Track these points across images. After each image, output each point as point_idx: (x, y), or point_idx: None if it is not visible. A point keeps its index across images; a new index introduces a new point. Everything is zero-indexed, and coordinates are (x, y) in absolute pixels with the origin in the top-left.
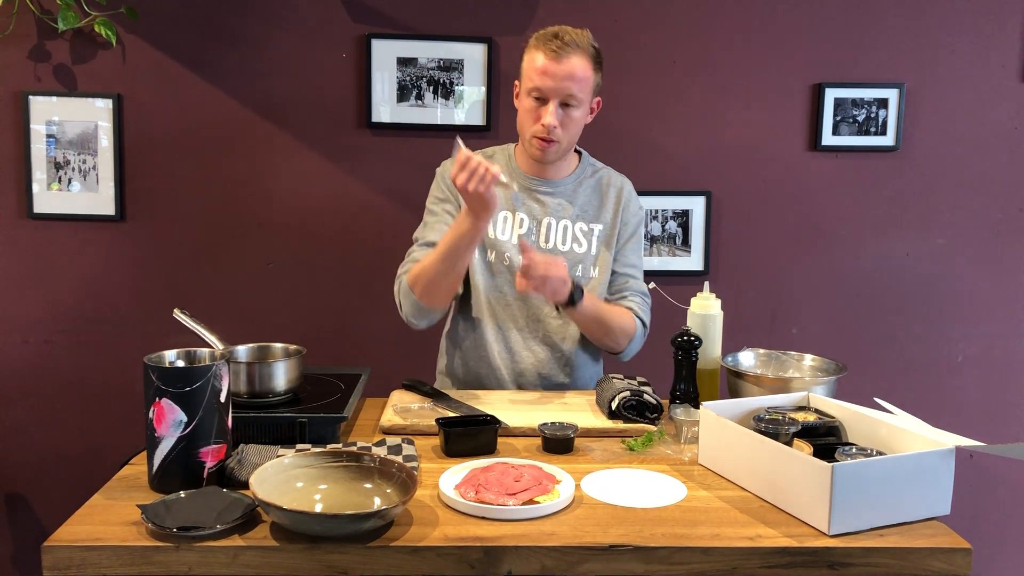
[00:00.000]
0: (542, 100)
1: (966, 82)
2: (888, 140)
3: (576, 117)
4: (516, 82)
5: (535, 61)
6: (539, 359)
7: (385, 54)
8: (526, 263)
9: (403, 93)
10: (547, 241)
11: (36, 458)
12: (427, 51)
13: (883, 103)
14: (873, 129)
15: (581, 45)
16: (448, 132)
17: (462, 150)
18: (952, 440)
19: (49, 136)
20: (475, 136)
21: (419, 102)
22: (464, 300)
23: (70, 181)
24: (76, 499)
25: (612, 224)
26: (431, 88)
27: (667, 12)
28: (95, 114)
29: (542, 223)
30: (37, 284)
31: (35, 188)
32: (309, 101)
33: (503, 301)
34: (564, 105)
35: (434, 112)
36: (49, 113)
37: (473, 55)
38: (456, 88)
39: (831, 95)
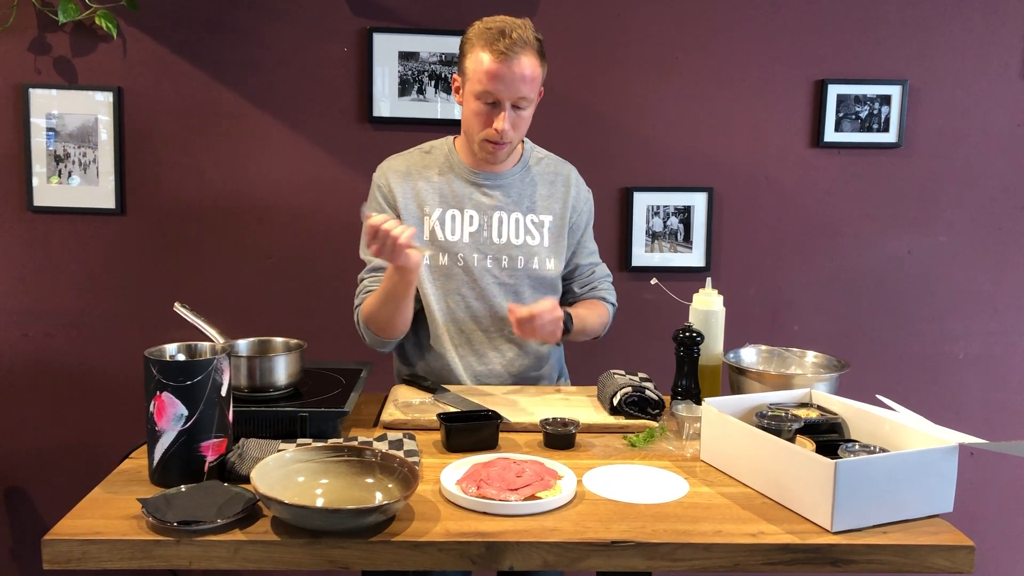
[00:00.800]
0: (493, 104)
1: (969, 79)
2: (891, 137)
3: (526, 116)
4: (455, 75)
5: (481, 62)
6: (507, 358)
7: (386, 48)
8: (522, 318)
9: (404, 87)
10: (500, 236)
11: (35, 451)
12: (428, 45)
13: (886, 100)
14: (876, 126)
15: (528, 42)
16: (450, 126)
17: (370, 218)
18: (955, 437)
19: (49, 129)
20: None
21: (420, 96)
22: (419, 311)
23: (70, 174)
24: (75, 493)
25: (561, 214)
26: (432, 82)
27: (669, 8)
28: (95, 107)
29: (492, 217)
30: (37, 277)
31: (35, 181)
32: (310, 95)
33: (463, 304)
34: (515, 107)
35: (436, 106)
36: (49, 106)
37: None
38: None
39: (834, 91)
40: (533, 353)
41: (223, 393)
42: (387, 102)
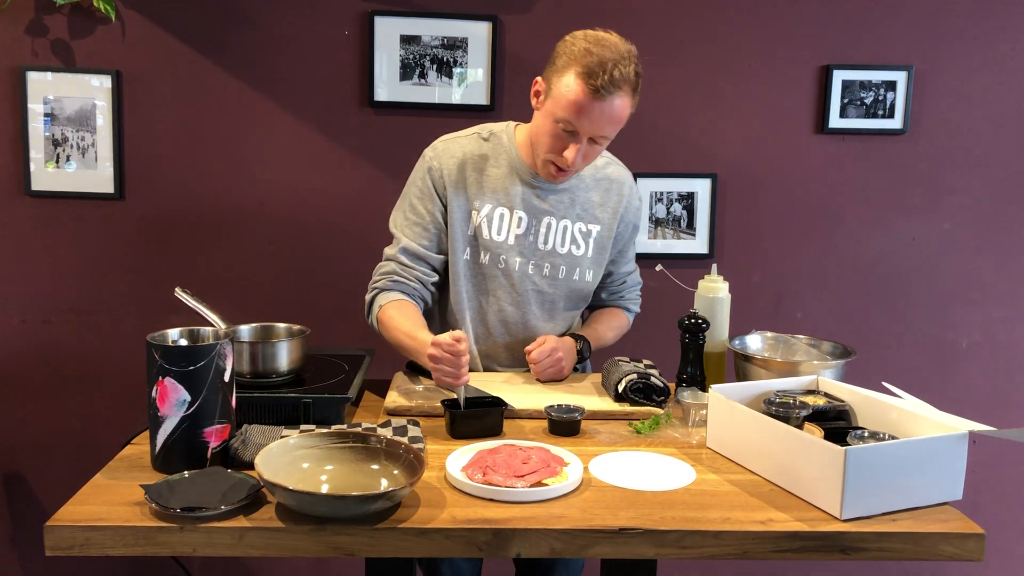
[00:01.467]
0: (571, 133)
1: (975, 65)
2: (896, 123)
3: (600, 150)
4: (539, 80)
5: (571, 89)
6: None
7: (388, 31)
8: (536, 358)
9: (406, 71)
10: (546, 243)
11: (34, 438)
12: (431, 29)
13: (891, 86)
14: (881, 112)
15: (627, 80)
16: (452, 111)
17: (462, 343)
18: (964, 425)
19: (47, 113)
20: (478, 116)
21: (422, 81)
22: (445, 301)
23: (68, 158)
24: (75, 479)
25: (610, 225)
26: (434, 66)
27: None
28: (93, 91)
29: (541, 222)
30: (35, 262)
31: (32, 165)
32: (311, 78)
33: (496, 306)
34: (592, 141)
35: (437, 91)
36: (47, 89)
37: (477, 33)
38: (460, 67)
39: (839, 77)
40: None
41: (226, 379)
42: (388, 86)
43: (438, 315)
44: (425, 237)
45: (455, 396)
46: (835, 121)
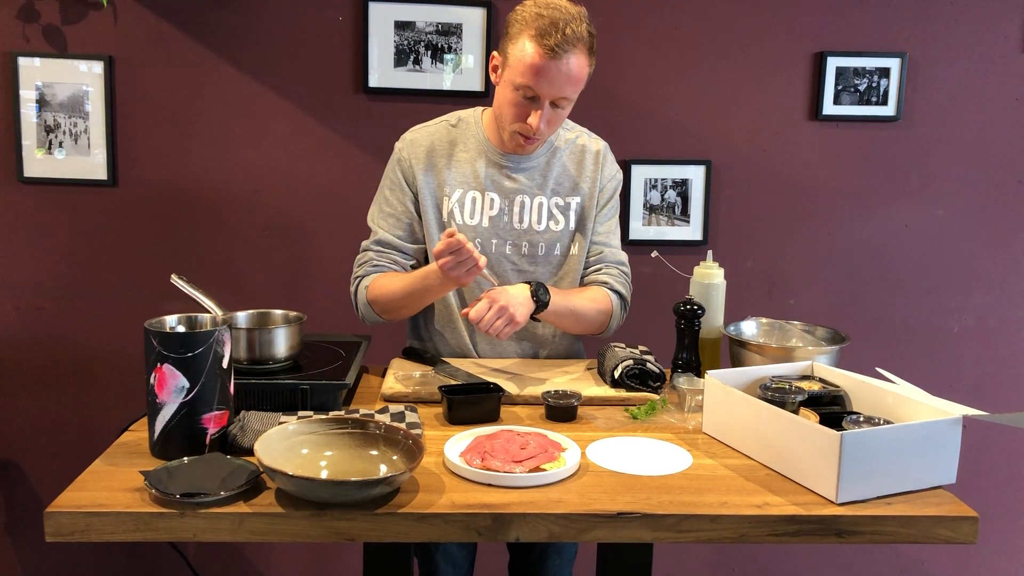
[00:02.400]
0: (531, 99)
1: (968, 53)
2: (889, 110)
3: (564, 114)
4: (495, 54)
5: (527, 54)
6: (522, 347)
7: (382, 17)
8: (474, 318)
9: (400, 57)
10: (521, 221)
11: (28, 425)
12: (425, 15)
13: (885, 73)
14: (874, 99)
15: (581, 38)
16: (446, 97)
17: (455, 234)
18: (958, 409)
19: (38, 99)
20: (472, 102)
21: (416, 67)
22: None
23: (60, 145)
24: (70, 467)
25: (590, 194)
26: (429, 53)
27: None
28: (85, 77)
29: (514, 201)
30: (28, 249)
31: (24, 152)
32: (305, 64)
33: (479, 291)
34: (554, 105)
35: (431, 77)
36: (38, 75)
37: (472, 19)
38: (454, 52)
39: (833, 64)
40: (548, 343)
41: (224, 365)
42: (382, 72)
43: (427, 309)
44: (399, 227)
45: (453, 382)
46: (829, 108)
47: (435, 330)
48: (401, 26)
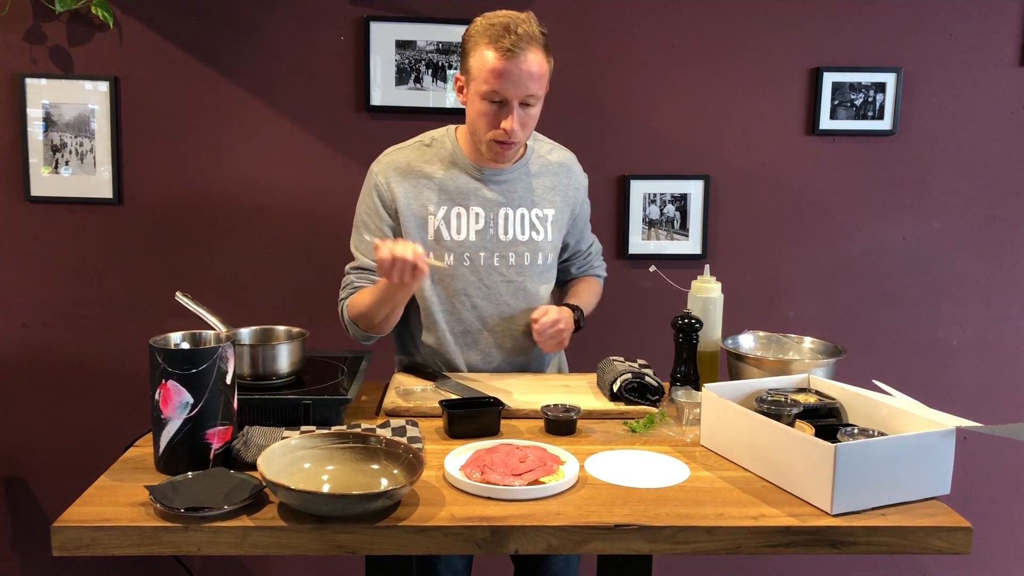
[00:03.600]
0: (500, 104)
1: (964, 67)
2: (885, 124)
3: (534, 113)
4: (458, 76)
5: (486, 60)
6: (512, 357)
7: (383, 37)
8: (539, 328)
9: (401, 76)
10: (506, 233)
11: (35, 442)
12: (425, 34)
13: (881, 87)
14: (871, 113)
15: (534, 37)
16: (447, 115)
17: (378, 249)
18: (952, 421)
19: (45, 119)
20: None
21: (417, 85)
22: (414, 308)
23: (67, 164)
24: (76, 483)
25: (562, 207)
26: (429, 71)
27: None
28: (91, 96)
29: (498, 214)
30: (35, 267)
31: (31, 171)
32: (307, 84)
33: (469, 304)
34: (523, 104)
35: (432, 95)
36: (45, 95)
37: None
38: (455, 70)
39: (829, 79)
40: (537, 352)
41: (228, 381)
42: (384, 90)
43: (412, 323)
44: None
45: (453, 397)
46: (825, 122)
47: (423, 343)
48: (402, 45)
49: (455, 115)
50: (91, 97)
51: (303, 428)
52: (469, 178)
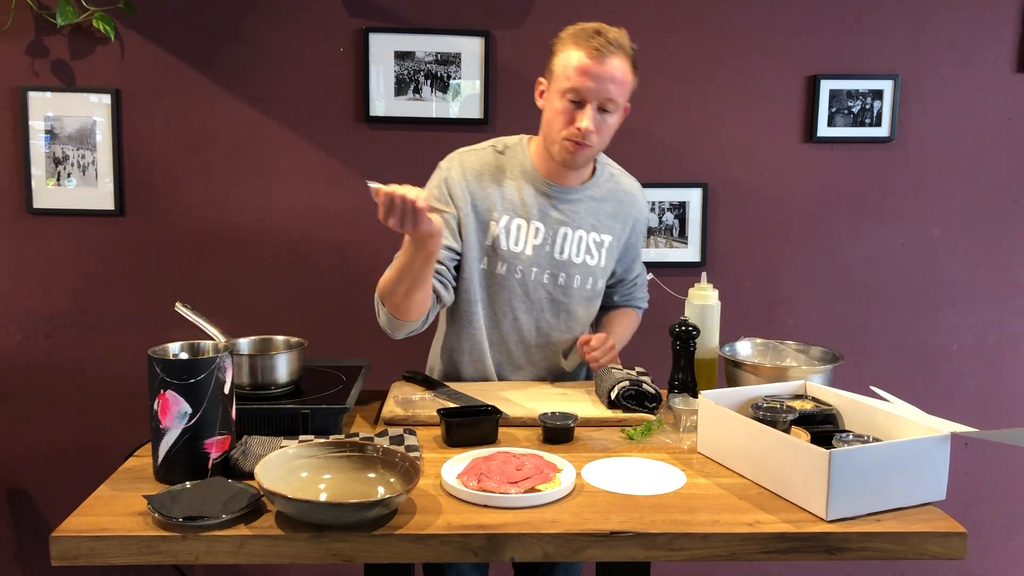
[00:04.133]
0: (578, 103)
1: (961, 73)
2: (883, 131)
3: (611, 123)
4: (541, 79)
5: (571, 59)
6: (542, 375)
7: (382, 48)
8: (593, 351)
9: (400, 87)
10: (561, 252)
11: (37, 453)
12: (424, 45)
13: (878, 94)
14: (868, 120)
15: (622, 45)
16: (447, 125)
17: (379, 189)
18: (947, 427)
19: (47, 131)
20: (472, 130)
21: (417, 96)
22: (458, 308)
23: (69, 176)
24: (78, 493)
25: (619, 236)
26: (428, 82)
27: (664, 5)
28: (93, 109)
29: (558, 232)
30: (38, 279)
31: (34, 184)
32: (307, 95)
33: (511, 315)
34: (601, 109)
35: (432, 106)
36: (47, 108)
37: (470, 49)
38: (453, 82)
39: (826, 87)
40: (569, 372)
41: (226, 391)
42: (383, 101)
43: (450, 321)
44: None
45: (450, 405)
46: (823, 130)
47: (459, 346)
48: (401, 56)
49: (454, 125)
50: (93, 110)
51: (301, 437)
52: (536, 192)
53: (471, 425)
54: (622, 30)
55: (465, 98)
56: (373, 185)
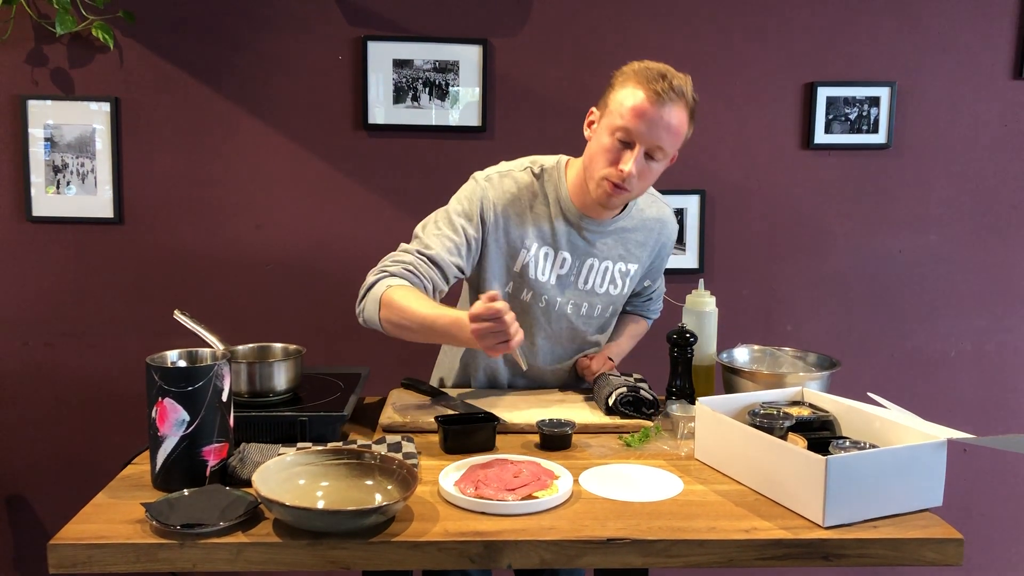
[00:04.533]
0: (627, 143)
1: (957, 80)
2: (880, 138)
3: (656, 170)
4: (593, 109)
5: (629, 98)
6: (547, 386)
7: (381, 56)
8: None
9: (399, 95)
10: (586, 283)
11: (36, 460)
12: (422, 53)
13: (875, 101)
14: (865, 127)
15: (684, 94)
16: (444, 133)
17: (495, 300)
18: (944, 433)
19: (47, 140)
20: (471, 137)
21: (415, 103)
22: None
23: (68, 184)
24: (76, 500)
25: (647, 262)
26: (427, 89)
27: (661, 11)
28: (93, 117)
29: (584, 263)
30: (37, 287)
31: (33, 191)
32: (306, 103)
33: (529, 339)
34: (648, 155)
35: (430, 113)
36: (47, 117)
37: (468, 56)
38: (452, 89)
39: (823, 94)
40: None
41: (224, 398)
42: (382, 109)
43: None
44: (451, 251)
45: (448, 412)
46: (820, 137)
47: (480, 368)
48: (399, 64)
49: (452, 133)
50: (92, 118)
51: (299, 445)
52: (565, 222)
53: (469, 432)
54: (687, 77)
55: (463, 106)
56: (498, 301)
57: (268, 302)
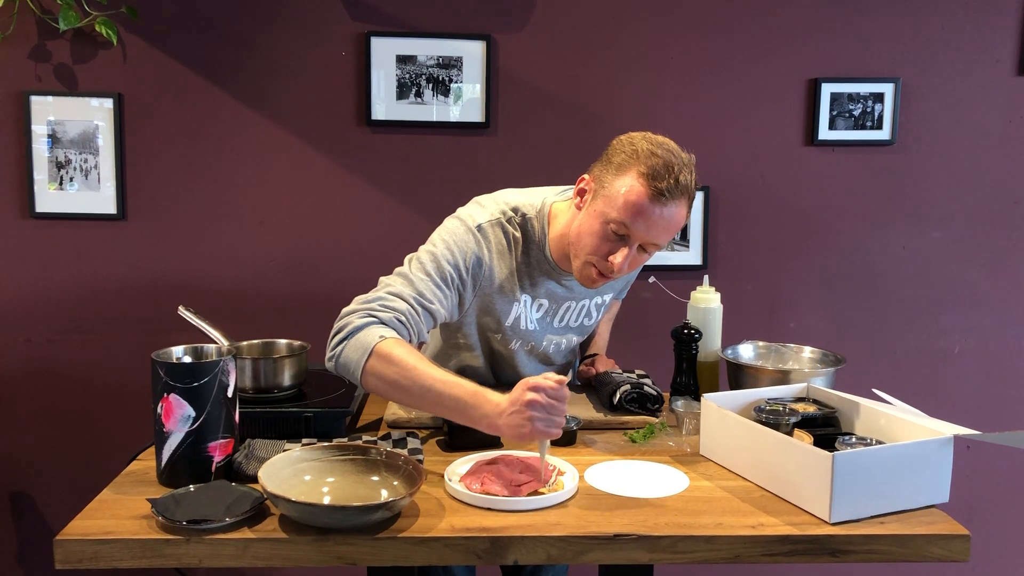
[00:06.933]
0: (621, 237)
1: (962, 76)
2: (884, 134)
3: (644, 259)
4: (586, 177)
5: (632, 190)
6: None
7: (384, 52)
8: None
9: (402, 91)
10: (562, 320)
11: (40, 456)
12: (426, 49)
13: (879, 98)
14: (869, 123)
15: (688, 190)
16: (448, 129)
17: (561, 381)
18: (950, 429)
19: (50, 136)
20: (473, 134)
21: (418, 99)
22: (458, 356)
23: (71, 180)
24: (80, 497)
25: (618, 286)
26: (430, 85)
27: (664, 7)
28: (96, 113)
29: (561, 306)
30: (40, 283)
31: (36, 188)
32: (309, 99)
33: (511, 374)
34: (641, 248)
35: (433, 109)
36: (50, 113)
37: (472, 52)
38: (455, 85)
39: (827, 90)
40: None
41: (229, 394)
42: (384, 105)
43: (449, 357)
44: (442, 303)
45: None
46: (824, 133)
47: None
48: (403, 60)
49: (456, 129)
50: (95, 114)
51: (304, 441)
52: (543, 274)
53: (474, 429)
54: (691, 161)
55: (467, 102)
56: (556, 377)
57: (272, 298)
